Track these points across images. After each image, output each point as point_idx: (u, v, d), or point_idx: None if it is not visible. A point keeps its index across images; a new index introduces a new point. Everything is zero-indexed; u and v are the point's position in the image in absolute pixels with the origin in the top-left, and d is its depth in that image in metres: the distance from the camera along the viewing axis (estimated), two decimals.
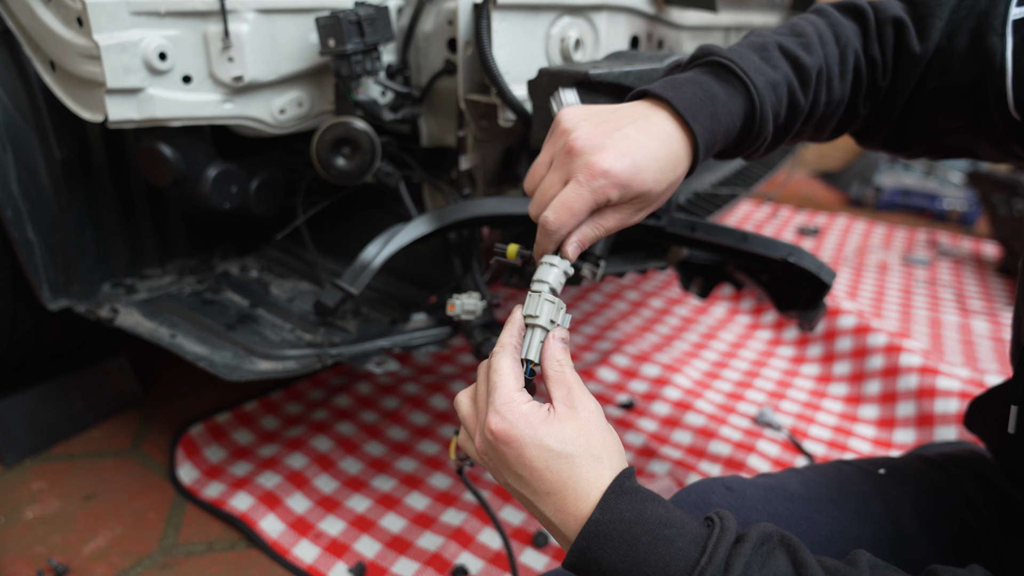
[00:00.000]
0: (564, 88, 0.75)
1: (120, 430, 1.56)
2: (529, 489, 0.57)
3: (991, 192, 2.59)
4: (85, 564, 1.22)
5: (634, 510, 0.54)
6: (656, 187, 0.65)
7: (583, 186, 0.64)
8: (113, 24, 1.01)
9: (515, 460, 0.57)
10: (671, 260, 1.30)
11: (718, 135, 0.69)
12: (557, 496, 0.56)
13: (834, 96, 0.77)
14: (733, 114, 0.70)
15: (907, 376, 1.71)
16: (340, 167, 1.18)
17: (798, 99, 0.74)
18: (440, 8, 1.19)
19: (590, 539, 0.54)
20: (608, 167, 0.63)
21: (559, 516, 0.56)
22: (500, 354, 0.62)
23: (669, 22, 1.46)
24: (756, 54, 0.74)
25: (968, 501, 0.80)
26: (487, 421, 0.58)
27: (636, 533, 0.53)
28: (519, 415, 0.57)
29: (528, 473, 0.56)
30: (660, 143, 0.66)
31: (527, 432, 0.56)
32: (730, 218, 2.96)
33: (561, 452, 0.56)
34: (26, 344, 1.43)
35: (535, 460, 0.56)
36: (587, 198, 0.64)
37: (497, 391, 0.59)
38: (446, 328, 1.26)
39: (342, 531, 1.29)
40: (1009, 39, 0.69)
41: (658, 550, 0.52)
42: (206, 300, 1.37)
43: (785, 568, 0.51)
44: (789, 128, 0.77)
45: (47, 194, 1.25)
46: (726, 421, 1.63)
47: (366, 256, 1.08)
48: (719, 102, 0.69)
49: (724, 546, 0.52)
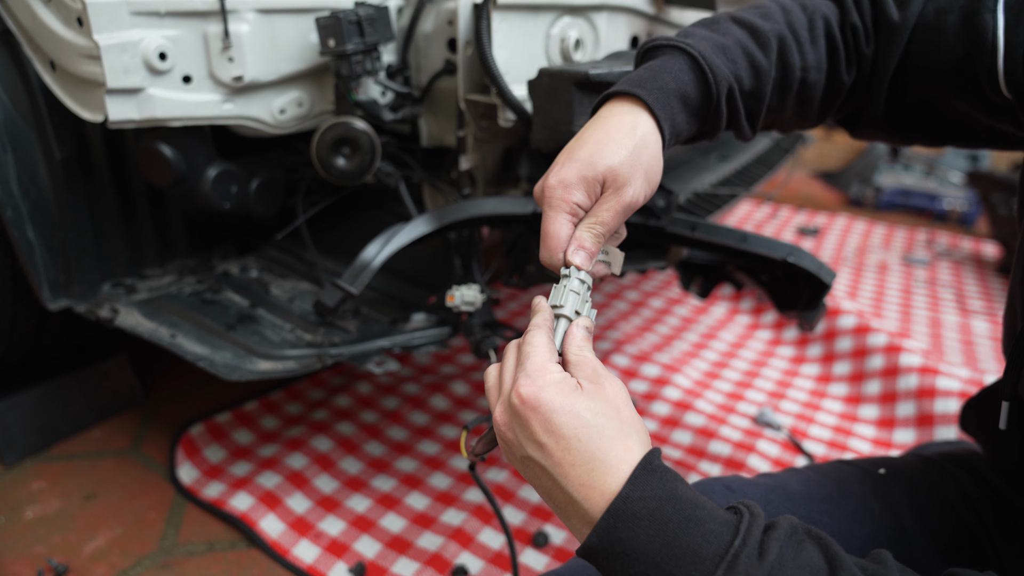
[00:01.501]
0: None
1: (120, 430, 1.56)
2: (552, 460, 0.53)
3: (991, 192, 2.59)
4: (85, 564, 1.22)
5: (665, 488, 0.51)
6: (616, 158, 0.66)
7: (546, 211, 0.67)
8: (113, 24, 1.01)
9: (542, 426, 0.54)
10: (671, 260, 1.30)
11: (669, 91, 0.70)
12: (584, 468, 0.52)
13: (808, 60, 0.78)
14: (676, 70, 0.71)
15: (907, 376, 1.71)
16: (340, 167, 1.18)
17: (758, 60, 0.75)
18: (440, 8, 1.19)
19: (618, 517, 0.51)
20: (553, 180, 0.66)
21: (583, 491, 0.52)
22: (535, 330, 0.61)
23: (669, 22, 1.46)
24: (703, 28, 0.77)
25: (968, 500, 0.80)
26: (516, 386, 0.56)
27: (667, 512, 0.50)
28: (550, 382, 0.55)
29: (555, 441, 0.53)
30: (603, 127, 0.68)
31: (558, 398, 0.54)
32: (730, 218, 2.96)
33: (591, 422, 0.53)
34: (26, 344, 1.43)
35: (564, 426, 0.53)
36: (553, 216, 0.66)
37: (530, 359, 0.57)
38: (446, 328, 1.26)
39: (342, 531, 1.29)
40: (1001, 17, 0.69)
41: (689, 531, 0.50)
42: (206, 300, 1.37)
43: (817, 560, 0.49)
44: (761, 91, 0.77)
45: (47, 194, 1.25)
46: (726, 421, 1.63)
47: (366, 256, 1.08)
48: (661, 70, 0.71)
49: (756, 531, 0.50)
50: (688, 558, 0.49)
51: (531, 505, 1.36)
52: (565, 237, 0.66)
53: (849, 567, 0.49)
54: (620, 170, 0.66)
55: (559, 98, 1.00)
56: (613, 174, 0.66)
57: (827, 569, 0.49)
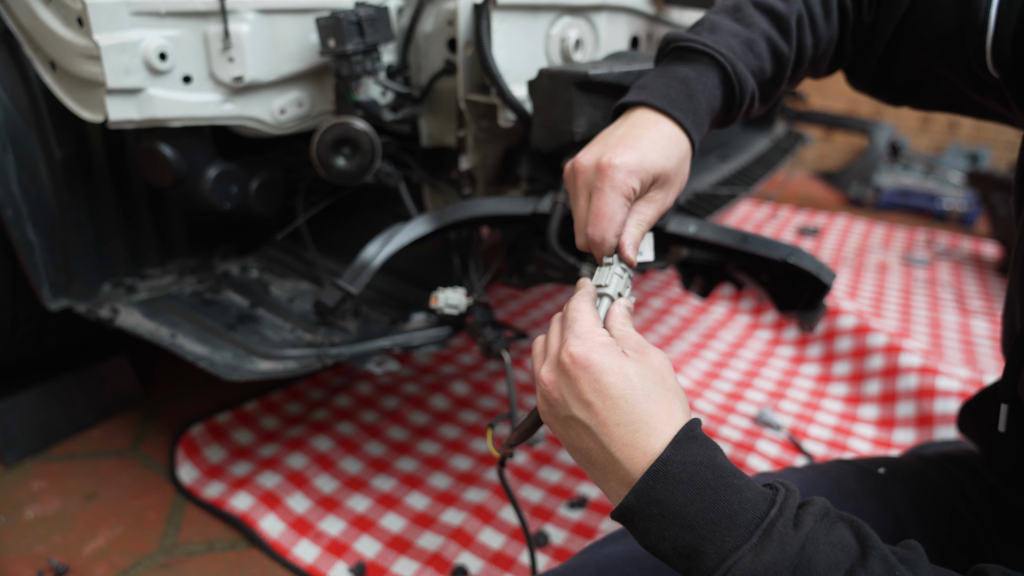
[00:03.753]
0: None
1: (120, 430, 1.56)
2: (598, 419, 0.54)
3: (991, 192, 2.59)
4: (85, 564, 1.22)
5: (705, 454, 0.52)
6: (668, 163, 0.70)
7: (603, 189, 0.68)
8: (113, 24, 1.01)
9: (590, 386, 0.55)
10: (671, 260, 1.30)
11: (702, 112, 0.74)
12: (628, 428, 0.54)
13: (821, 37, 0.80)
14: (710, 87, 0.74)
15: (907, 376, 1.71)
16: (340, 167, 1.18)
17: (781, 49, 0.78)
18: (440, 8, 1.19)
19: (658, 478, 0.52)
20: (618, 162, 0.67)
21: (626, 451, 0.53)
22: (580, 297, 0.63)
23: (669, 22, 1.46)
24: (729, 17, 0.78)
25: (967, 500, 0.80)
26: (566, 345, 0.57)
27: (706, 477, 0.51)
28: (600, 343, 0.57)
29: (602, 401, 0.54)
30: (652, 131, 0.71)
31: (607, 358, 0.55)
32: (730, 218, 2.96)
33: (639, 384, 0.55)
34: (26, 344, 1.43)
35: (612, 387, 0.54)
36: (613, 197, 0.68)
37: (578, 322, 0.59)
38: (446, 328, 1.26)
39: (342, 531, 1.29)
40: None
41: (727, 496, 0.50)
42: (206, 300, 1.37)
43: (849, 539, 0.50)
44: (780, 77, 0.80)
45: (47, 194, 1.25)
46: (726, 421, 1.63)
47: (366, 256, 1.08)
48: (692, 82, 0.74)
49: (792, 503, 0.51)
50: (724, 523, 0.49)
51: (531, 505, 1.36)
52: (620, 220, 0.68)
53: (880, 547, 0.49)
54: (671, 174, 0.71)
55: (559, 98, 1.00)
56: (666, 176, 0.70)
57: (858, 548, 0.49)
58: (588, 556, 0.75)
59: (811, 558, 0.48)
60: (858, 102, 3.80)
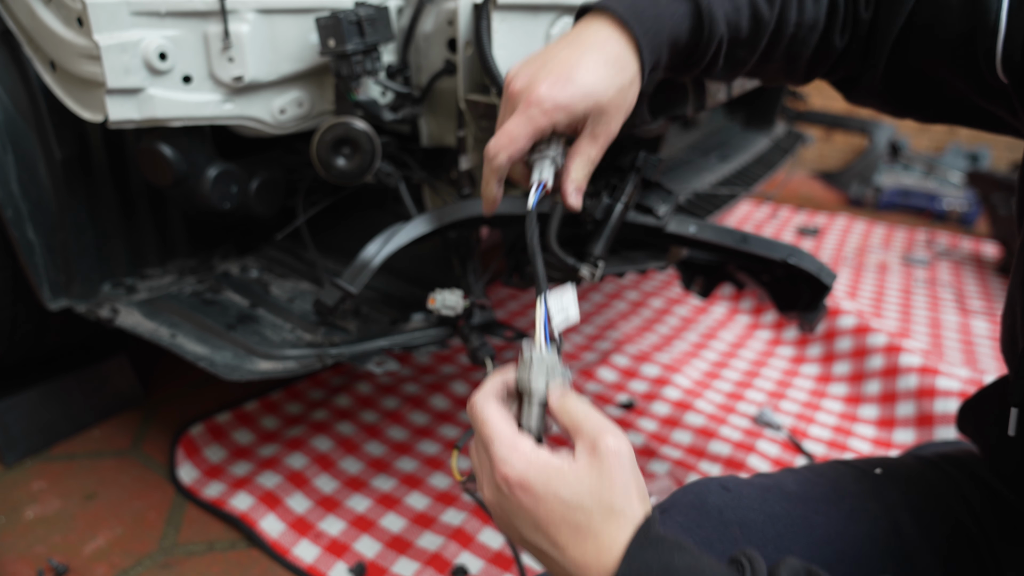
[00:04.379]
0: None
1: (120, 430, 1.56)
2: (548, 540, 0.52)
3: (991, 192, 2.59)
4: (85, 564, 1.22)
5: (661, 562, 0.49)
6: (604, 94, 0.66)
7: (521, 114, 0.65)
8: (113, 24, 1.01)
9: (532, 510, 0.52)
10: (671, 260, 1.30)
11: (663, 34, 0.69)
12: (579, 549, 0.51)
13: (806, 16, 0.77)
14: (678, 15, 0.70)
15: (907, 376, 1.71)
16: (340, 167, 1.18)
17: (761, 11, 0.74)
18: (440, 8, 1.19)
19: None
20: (545, 93, 0.64)
21: (582, 571, 0.51)
22: (477, 404, 0.57)
23: None
24: None
25: (964, 501, 0.80)
26: (496, 472, 0.54)
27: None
28: (528, 463, 0.53)
29: (546, 525, 0.52)
30: (595, 51, 0.67)
31: (539, 482, 0.52)
32: (730, 218, 2.96)
33: (578, 504, 0.51)
34: (26, 344, 1.43)
35: (552, 513, 0.52)
36: (524, 124, 0.65)
37: (493, 444, 0.54)
38: (446, 328, 1.26)
39: (342, 531, 1.29)
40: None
41: None
42: (206, 300, 1.37)
43: None
44: (756, 42, 0.77)
45: (47, 194, 1.25)
46: (726, 421, 1.63)
47: (366, 255, 1.08)
48: (663, 8, 0.69)
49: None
50: None
51: None
52: (522, 146, 0.67)
53: None
54: (608, 104, 0.66)
55: None
56: (600, 108, 0.66)
57: None
58: None
59: None
60: None
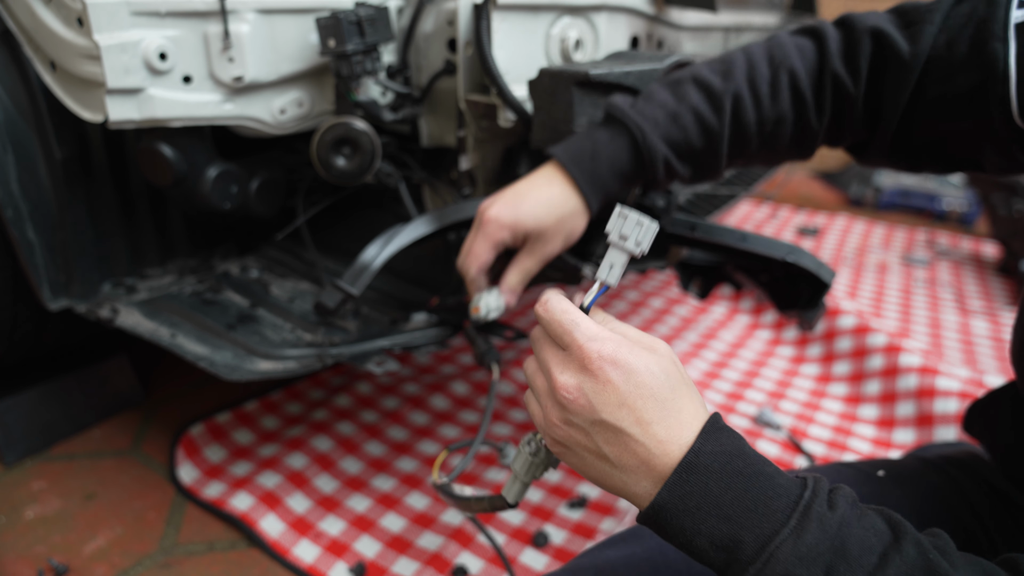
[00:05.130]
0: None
1: (120, 430, 1.56)
2: (635, 417, 0.52)
3: (991, 192, 2.59)
4: (85, 564, 1.22)
5: (734, 444, 0.53)
6: (543, 222, 0.83)
7: (478, 233, 0.83)
8: (113, 24, 1.01)
9: (624, 383, 0.53)
10: (671, 260, 1.30)
11: (603, 171, 0.83)
12: (663, 425, 0.53)
13: (765, 114, 0.84)
14: (617, 149, 0.84)
15: (907, 376, 1.71)
16: (340, 167, 1.18)
17: (709, 123, 0.84)
18: (440, 8, 1.19)
19: (691, 470, 0.51)
20: (493, 215, 0.82)
21: (662, 447, 0.52)
22: (552, 300, 0.58)
23: (669, 22, 1.46)
24: (667, 90, 0.87)
25: (968, 503, 0.80)
26: (586, 350, 0.53)
27: (737, 466, 0.51)
28: (619, 341, 0.54)
29: (637, 398, 0.53)
30: (543, 188, 0.83)
31: (632, 356, 0.53)
32: (730, 218, 2.96)
33: (665, 381, 0.54)
34: (26, 344, 1.43)
35: (644, 385, 0.53)
36: (481, 241, 0.82)
37: (579, 327, 0.55)
38: (446, 328, 1.26)
39: (342, 531, 1.29)
40: (1012, 44, 0.68)
41: (760, 483, 0.50)
42: (206, 300, 1.37)
43: (881, 525, 0.50)
44: (715, 149, 0.86)
45: (47, 194, 1.25)
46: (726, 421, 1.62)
47: (366, 257, 1.08)
48: (600, 144, 0.84)
49: (824, 487, 0.51)
50: (760, 510, 0.49)
51: (531, 505, 1.36)
52: (484, 260, 0.84)
53: (912, 532, 0.49)
54: (547, 229, 0.83)
55: (560, 98, 1.00)
56: (540, 231, 0.83)
57: (890, 533, 0.49)
58: (588, 560, 0.75)
59: (845, 540, 0.48)
60: None
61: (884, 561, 0.47)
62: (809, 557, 0.47)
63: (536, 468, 0.66)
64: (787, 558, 0.47)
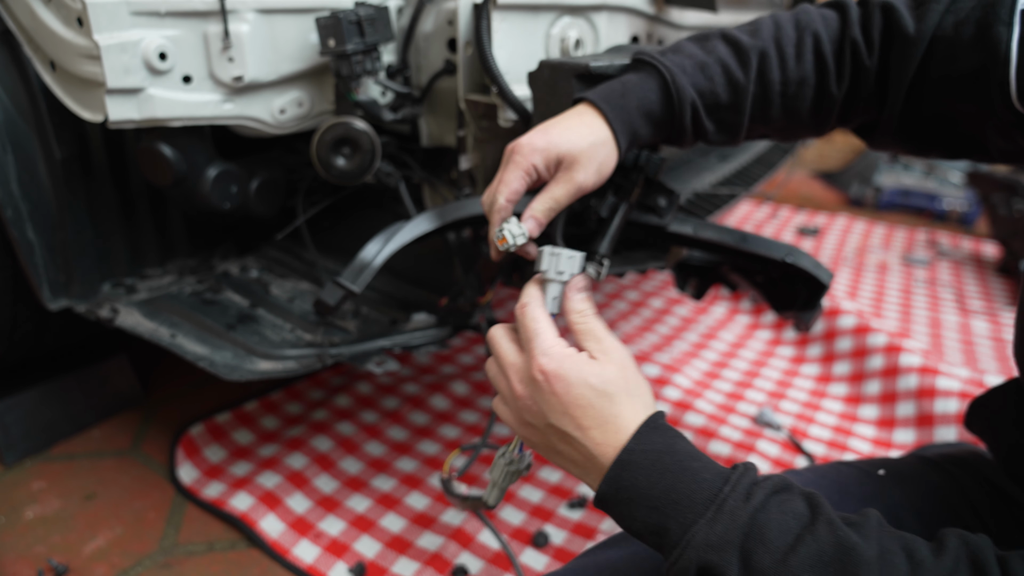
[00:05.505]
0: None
1: (120, 430, 1.56)
2: (575, 424, 0.62)
3: (991, 192, 2.59)
4: (85, 564, 1.22)
5: (665, 443, 0.60)
6: (574, 145, 0.77)
7: (508, 162, 0.77)
8: (113, 24, 1.01)
9: (566, 397, 0.62)
10: (671, 260, 1.30)
11: (631, 108, 0.81)
12: (600, 429, 0.61)
13: (789, 74, 0.84)
14: (646, 90, 0.82)
15: (907, 376, 1.71)
16: (340, 167, 1.18)
17: (736, 77, 0.83)
18: (440, 8, 1.19)
19: (623, 466, 0.59)
20: (525, 141, 0.77)
21: (599, 448, 0.61)
22: (530, 305, 0.68)
23: (669, 22, 1.46)
24: (694, 43, 0.86)
25: (968, 502, 0.80)
26: (534, 363, 0.63)
27: (666, 462, 0.58)
28: (566, 355, 0.63)
29: (576, 409, 0.61)
30: (573, 119, 0.80)
31: (573, 371, 0.62)
32: (730, 218, 2.96)
33: (604, 391, 0.62)
34: (26, 344, 1.43)
35: (583, 397, 0.61)
36: (513, 169, 0.76)
37: (538, 338, 0.65)
38: (446, 328, 1.26)
39: (342, 531, 1.29)
40: (1016, 28, 0.69)
41: (685, 479, 0.57)
42: (206, 300, 1.37)
43: (802, 508, 0.55)
44: (739, 105, 0.85)
45: (47, 194, 1.25)
46: (726, 421, 1.63)
47: (367, 254, 1.08)
48: (629, 84, 0.82)
49: (746, 480, 0.57)
50: (683, 502, 0.56)
51: (531, 505, 1.36)
52: (515, 187, 0.77)
53: (828, 512, 0.55)
54: (578, 155, 0.77)
55: (560, 90, 1.00)
56: (572, 157, 0.77)
57: (809, 515, 0.55)
58: (589, 559, 0.75)
59: (763, 526, 0.54)
60: None
61: (798, 541, 0.52)
62: (719, 545, 0.53)
63: (511, 476, 0.76)
64: (700, 545, 0.54)
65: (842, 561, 0.51)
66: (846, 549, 0.51)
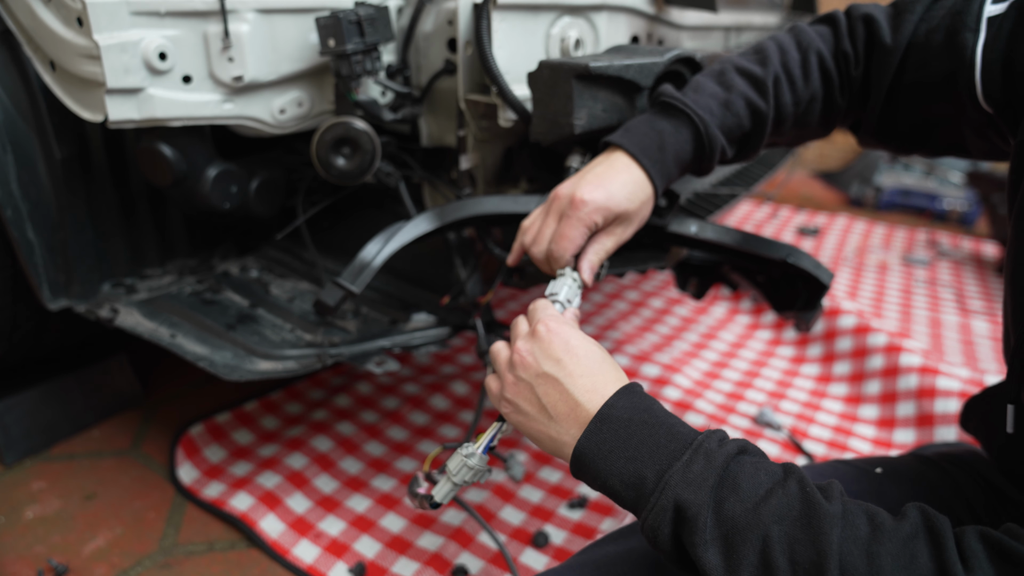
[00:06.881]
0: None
1: (120, 430, 1.56)
2: (566, 371, 0.66)
3: (991, 192, 2.59)
4: (85, 564, 1.22)
5: (644, 403, 0.64)
6: (630, 205, 0.84)
7: (572, 217, 0.82)
8: (113, 24, 1.01)
9: (561, 346, 0.68)
10: (671, 260, 1.30)
11: (669, 162, 0.87)
12: (590, 379, 0.66)
13: (800, 95, 0.90)
14: (681, 141, 0.87)
15: (907, 376, 1.71)
16: (340, 167, 1.18)
17: (758, 106, 0.89)
18: (440, 8, 1.19)
19: (603, 420, 0.63)
20: (589, 197, 0.82)
21: (587, 395, 0.65)
22: (540, 301, 0.77)
23: (669, 22, 1.46)
24: (713, 80, 0.90)
25: (965, 500, 0.80)
26: (540, 323, 0.70)
27: (644, 418, 0.62)
28: (567, 321, 0.72)
29: (570, 357, 0.67)
30: (622, 173, 0.85)
31: (573, 332, 0.70)
32: (730, 218, 2.96)
33: (596, 352, 0.69)
34: (26, 344, 1.43)
35: (578, 348, 0.68)
36: (577, 225, 0.82)
37: (545, 310, 0.73)
38: (446, 328, 1.26)
39: (342, 531, 1.29)
40: (982, 34, 0.74)
41: (662, 431, 0.61)
42: (206, 300, 1.37)
43: (776, 469, 0.59)
44: (761, 130, 0.91)
45: (47, 194, 1.25)
46: (726, 421, 1.63)
47: (367, 254, 1.08)
48: (666, 135, 0.87)
49: (719, 434, 0.61)
50: (660, 451, 0.60)
51: (531, 505, 1.36)
52: (578, 243, 0.84)
53: (800, 473, 0.58)
54: (629, 216, 0.85)
55: (559, 90, 1.00)
56: (627, 215, 0.85)
57: (782, 474, 0.58)
58: (587, 556, 0.75)
59: (736, 476, 0.57)
60: None
61: (769, 494, 0.56)
62: (695, 482, 0.57)
63: (466, 472, 0.75)
64: (677, 484, 0.57)
65: (808, 516, 0.53)
66: (813, 505, 0.54)
